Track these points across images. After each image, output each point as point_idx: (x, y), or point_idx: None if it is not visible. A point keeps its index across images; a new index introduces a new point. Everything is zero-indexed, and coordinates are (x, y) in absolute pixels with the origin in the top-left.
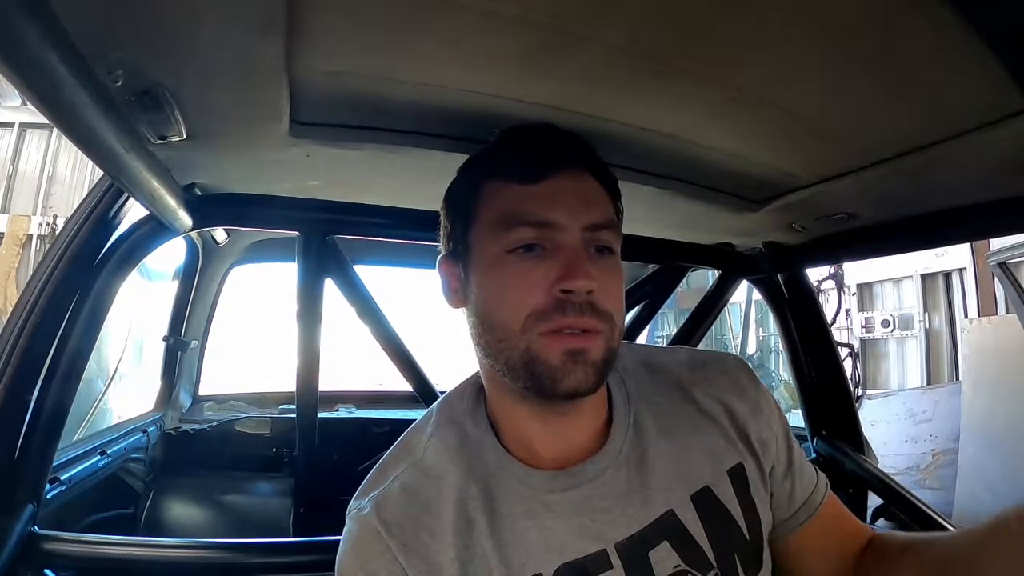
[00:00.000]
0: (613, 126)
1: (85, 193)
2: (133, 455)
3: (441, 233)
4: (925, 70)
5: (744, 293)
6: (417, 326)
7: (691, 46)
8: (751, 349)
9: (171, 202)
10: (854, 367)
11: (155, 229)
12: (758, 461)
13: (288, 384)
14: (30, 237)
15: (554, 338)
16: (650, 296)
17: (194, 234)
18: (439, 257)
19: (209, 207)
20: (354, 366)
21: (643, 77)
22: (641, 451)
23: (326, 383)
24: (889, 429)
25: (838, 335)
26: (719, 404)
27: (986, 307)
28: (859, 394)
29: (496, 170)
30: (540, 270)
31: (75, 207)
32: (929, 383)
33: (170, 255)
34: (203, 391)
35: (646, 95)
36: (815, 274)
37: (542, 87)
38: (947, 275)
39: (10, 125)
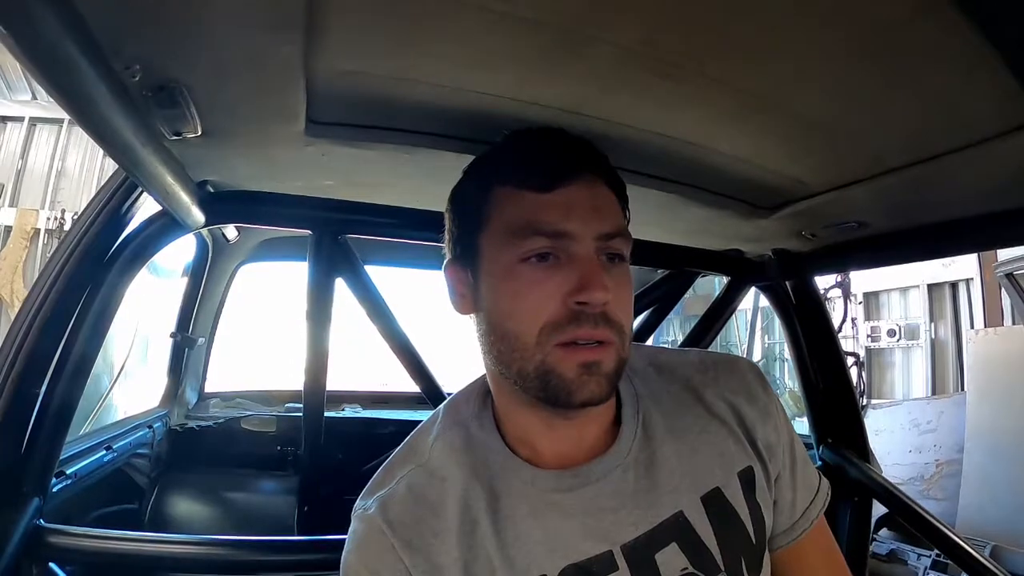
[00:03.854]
0: (624, 130)
1: (94, 189)
2: (139, 451)
3: (446, 236)
4: (937, 79)
5: (751, 300)
6: (426, 327)
7: (704, 50)
8: (756, 356)
9: (185, 198)
10: (859, 376)
11: (167, 225)
12: (765, 466)
13: (293, 383)
14: (38, 231)
15: (569, 351)
16: (659, 301)
17: (204, 231)
18: (445, 261)
19: (222, 204)
20: (360, 366)
21: (656, 80)
22: (650, 452)
23: (332, 382)
24: (893, 439)
25: (844, 344)
26: (728, 406)
27: (992, 318)
28: (864, 403)
29: (508, 175)
30: (555, 280)
31: (84, 203)
32: (934, 393)
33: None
34: (209, 388)
35: (658, 98)
36: (821, 282)
37: (555, 89)
38: (954, 285)
39: (20, 119)
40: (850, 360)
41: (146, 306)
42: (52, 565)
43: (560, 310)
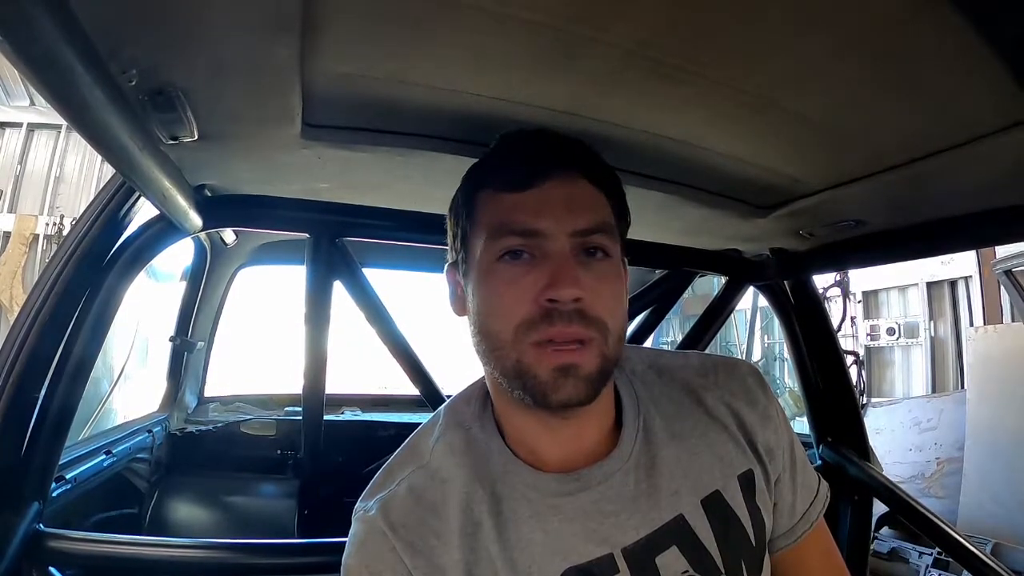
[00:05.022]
0: (623, 131)
1: (92, 194)
2: (138, 455)
3: (448, 241)
4: (934, 77)
5: (750, 300)
6: (425, 330)
7: (701, 50)
8: (756, 356)
9: (182, 202)
10: (859, 375)
11: (165, 229)
12: (765, 469)
13: (293, 386)
14: (36, 237)
15: (543, 351)
16: (657, 301)
17: (203, 235)
18: (446, 265)
19: (219, 208)
20: (360, 369)
21: (653, 81)
22: (651, 455)
23: (331, 386)
24: (894, 437)
25: (843, 343)
26: (728, 410)
27: (992, 315)
28: (864, 402)
29: (490, 178)
30: (528, 279)
31: (82, 208)
32: (934, 391)
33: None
34: (209, 392)
35: (656, 99)
36: (820, 281)
37: (552, 91)
38: (953, 283)
39: (18, 125)
40: (849, 359)
41: (145, 310)
42: (52, 569)
43: (533, 308)
